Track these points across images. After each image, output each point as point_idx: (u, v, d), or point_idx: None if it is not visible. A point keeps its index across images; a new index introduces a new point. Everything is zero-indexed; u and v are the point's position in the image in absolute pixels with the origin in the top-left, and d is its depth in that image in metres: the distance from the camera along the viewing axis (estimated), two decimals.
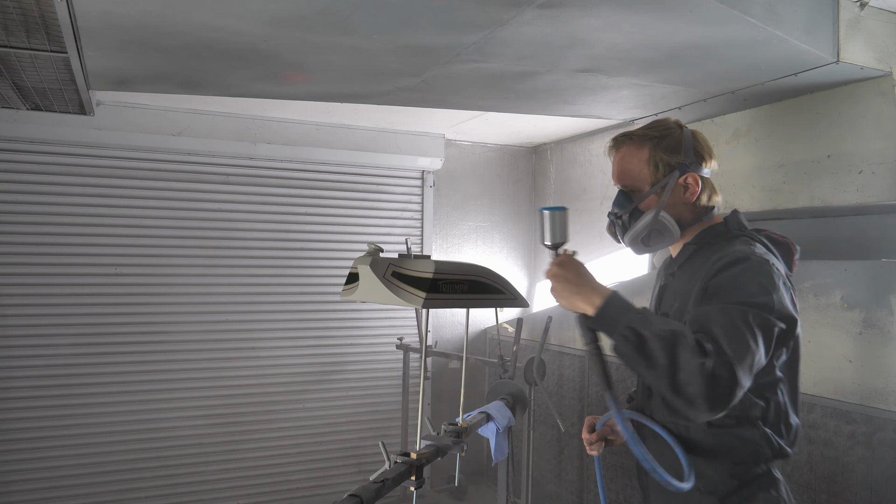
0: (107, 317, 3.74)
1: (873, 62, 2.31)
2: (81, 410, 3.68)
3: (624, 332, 1.28)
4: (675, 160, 1.52)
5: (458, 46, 2.22)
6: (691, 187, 1.53)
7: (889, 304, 2.26)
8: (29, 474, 3.58)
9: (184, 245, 3.91)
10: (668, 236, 1.53)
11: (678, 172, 1.52)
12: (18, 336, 3.57)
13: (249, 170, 4.07)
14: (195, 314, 3.93)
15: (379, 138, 4.33)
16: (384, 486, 1.68)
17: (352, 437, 4.31)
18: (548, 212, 1.47)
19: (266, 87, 2.83)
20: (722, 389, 1.19)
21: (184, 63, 2.45)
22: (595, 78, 2.58)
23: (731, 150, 2.98)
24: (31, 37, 2.07)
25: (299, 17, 1.95)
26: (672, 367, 1.22)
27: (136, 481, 3.78)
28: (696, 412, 1.21)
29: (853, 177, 2.50)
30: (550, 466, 3.93)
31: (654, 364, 1.24)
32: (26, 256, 3.58)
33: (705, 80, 2.59)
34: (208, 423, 3.95)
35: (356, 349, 4.34)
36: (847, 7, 2.22)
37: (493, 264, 4.25)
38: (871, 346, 2.30)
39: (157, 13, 1.92)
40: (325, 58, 2.36)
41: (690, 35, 2.09)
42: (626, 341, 1.28)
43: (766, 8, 1.99)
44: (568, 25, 2.01)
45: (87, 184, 3.70)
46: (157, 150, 3.82)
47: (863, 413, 2.28)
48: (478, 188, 4.85)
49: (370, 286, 1.80)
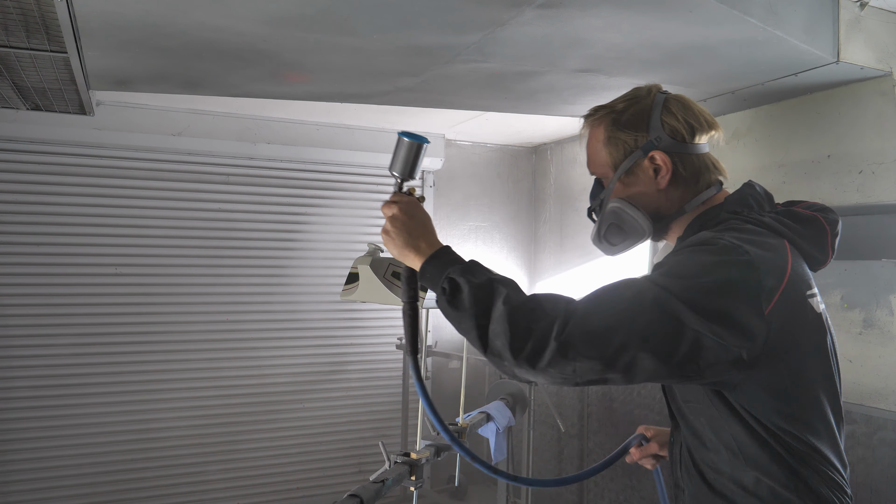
0: (107, 317, 3.74)
1: (873, 62, 2.31)
2: (81, 410, 3.68)
3: (443, 284, 1.12)
4: (636, 137, 1.24)
5: (458, 46, 2.21)
6: (661, 169, 1.22)
7: (889, 304, 2.26)
8: (29, 474, 3.58)
9: (184, 245, 3.90)
10: (631, 231, 1.26)
11: (641, 152, 1.23)
12: (18, 336, 3.57)
13: (249, 170, 4.07)
14: (195, 314, 3.93)
15: (379, 138, 4.33)
16: (384, 486, 1.68)
17: (352, 437, 4.31)
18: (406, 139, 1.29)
19: (266, 87, 2.83)
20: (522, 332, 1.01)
21: (184, 63, 2.45)
22: (595, 78, 2.58)
23: (731, 150, 2.98)
24: (31, 37, 2.06)
25: (299, 17, 1.95)
26: (483, 317, 1.06)
27: (136, 481, 3.78)
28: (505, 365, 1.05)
29: (853, 177, 2.50)
30: (550, 466, 3.93)
31: (463, 316, 1.08)
32: (26, 256, 3.58)
33: (705, 80, 2.59)
34: (208, 423, 3.95)
35: (356, 349, 4.34)
36: (847, 7, 2.22)
37: (493, 264, 4.25)
38: (871, 346, 2.30)
39: (157, 13, 1.92)
40: (325, 58, 2.36)
41: (690, 35, 2.09)
42: (442, 293, 1.12)
43: (766, 8, 1.99)
44: (568, 25, 2.01)
45: (87, 184, 3.70)
46: (157, 150, 3.82)
47: (863, 413, 2.28)
48: (478, 188, 4.85)
49: (370, 286, 1.80)
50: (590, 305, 1.04)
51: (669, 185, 1.23)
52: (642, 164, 1.23)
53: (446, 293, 1.12)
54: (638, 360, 0.99)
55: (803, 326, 1.11)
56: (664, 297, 1.00)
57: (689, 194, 1.25)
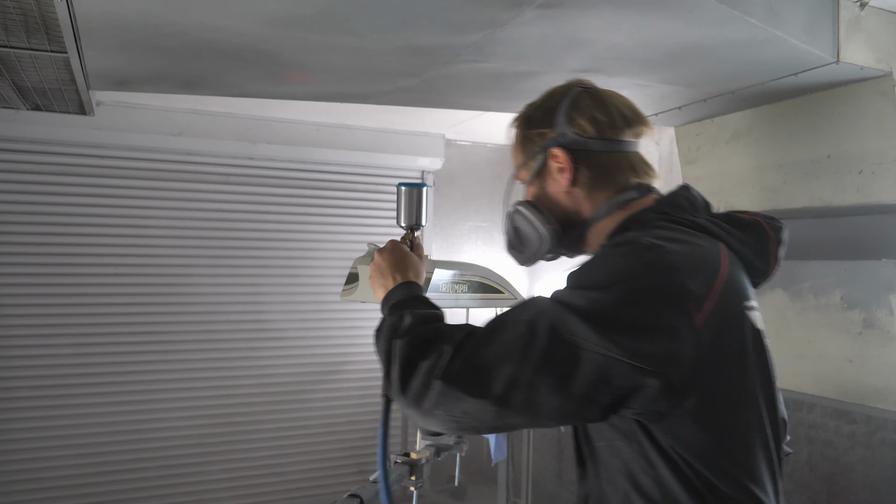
0: (107, 317, 3.74)
1: (873, 62, 2.31)
2: (82, 410, 3.68)
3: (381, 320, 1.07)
4: (543, 135, 1.11)
5: (458, 46, 2.21)
6: (563, 169, 1.08)
7: (889, 304, 2.26)
8: (29, 474, 3.58)
9: (184, 245, 3.90)
10: (526, 240, 1.13)
11: (543, 151, 1.10)
12: (18, 336, 3.57)
13: (249, 170, 4.07)
14: (195, 314, 3.93)
15: (379, 138, 4.33)
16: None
17: (352, 437, 4.31)
18: (404, 188, 1.26)
19: (266, 87, 2.83)
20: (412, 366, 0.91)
21: (184, 63, 2.45)
22: (595, 78, 2.55)
23: (731, 150, 2.98)
24: (31, 37, 2.06)
25: (299, 17, 1.95)
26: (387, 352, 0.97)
27: (136, 481, 3.78)
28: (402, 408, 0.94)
29: (853, 177, 2.50)
30: (550, 466, 3.93)
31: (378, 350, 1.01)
32: (26, 256, 3.58)
33: (705, 80, 2.59)
34: (208, 423, 3.95)
35: (356, 349, 4.34)
36: (847, 7, 2.22)
37: (493, 264, 4.25)
38: (871, 346, 2.30)
39: (156, 13, 1.92)
40: (325, 58, 2.36)
41: (690, 35, 2.09)
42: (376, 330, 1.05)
43: (766, 8, 1.99)
44: (568, 25, 2.01)
45: (87, 184, 3.70)
46: (157, 150, 3.82)
47: (863, 413, 2.28)
48: (478, 188, 4.85)
49: (370, 286, 1.80)
50: (484, 335, 0.89)
51: (575, 187, 1.09)
52: (549, 164, 1.10)
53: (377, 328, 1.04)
54: (536, 396, 0.84)
55: (743, 344, 0.93)
56: (560, 316, 0.85)
57: (602, 198, 1.08)
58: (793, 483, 2.46)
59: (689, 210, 1.03)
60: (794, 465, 2.46)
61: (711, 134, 3.01)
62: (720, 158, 2.98)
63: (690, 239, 0.95)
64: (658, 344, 0.83)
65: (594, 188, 1.09)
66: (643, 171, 1.10)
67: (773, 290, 2.70)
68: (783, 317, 2.64)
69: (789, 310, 2.62)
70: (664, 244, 0.90)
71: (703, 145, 3.06)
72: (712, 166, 3.00)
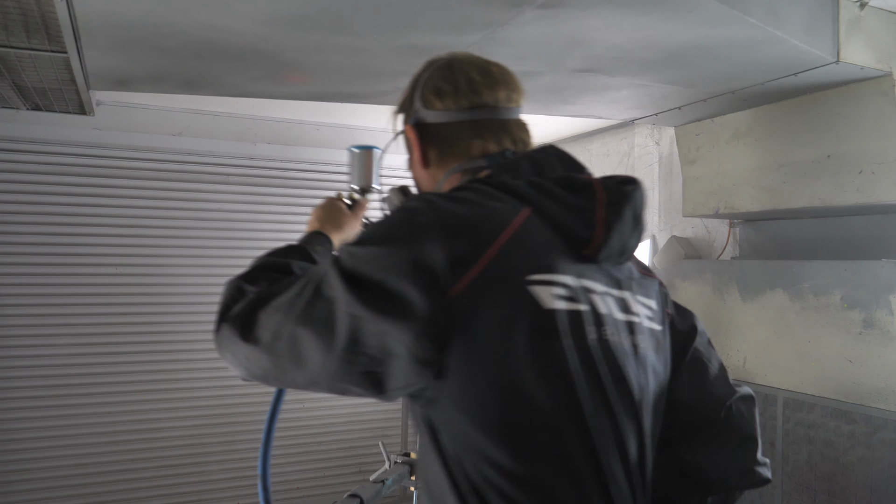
0: (107, 317, 3.74)
1: (873, 62, 2.31)
2: (82, 410, 3.68)
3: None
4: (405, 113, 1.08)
5: (457, 46, 2.21)
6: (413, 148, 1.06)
7: (889, 304, 2.26)
8: (29, 474, 3.58)
9: (184, 245, 3.91)
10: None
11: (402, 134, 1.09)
12: (18, 336, 3.57)
13: (249, 170, 4.07)
14: (195, 314, 3.93)
15: (379, 138, 4.32)
16: (384, 486, 1.69)
17: (352, 437, 4.31)
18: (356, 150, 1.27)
19: (266, 87, 2.83)
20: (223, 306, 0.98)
21: (184, 63, 2.45)
22: (595, 78, 2.58)
23: (731, 150, 2.98)
24: (31, 37, 2.07)
25: (299, 17, 1.95)
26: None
27: (136, 481, 3.78)
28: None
29: (853, 177, 2.50)
30: None
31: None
32: (26, 256, 3.58)
33: (705, 80, 2.59)
34: (208, 423, 3.95)
35: None
36: (847, 7, 2.22)
37: None
38: (871, 346, 2.30)
39: (156, 13, 1.92)
40: (325, 58, 2.36)
41: (690, 35, 2.09)
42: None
43: (766, 8, 1.99)
44: (568, 25, 2.01)
45: (87, 184, 3.70)
46: (157, 150, 3.82)
47: (863, 413, 2.28)
48: None
49: None
50: (279, 287, 0.89)
51: (430, 164, 1.03)
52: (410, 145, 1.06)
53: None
54: (301, 349, 0.80)
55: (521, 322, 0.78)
56: (328, 271, 0.80)
57: (454, 168, 1.00)
58: (793, 483, 2.46)
59: (527, 172, 0.91)
60: (794, 465, 2.46)
61: (711, 134, 3.01)
62: (720, 158, 2.98)
63: (483, 200, 0.83)
64: (400, 308, 0.75)
65: (442, 162, 1.02)
66: (497, 136, 0.99)
67: (773, 290, 2.70)
68: (783, 317, 2.65)
69: (789, 310, 2.62)
70: (436, 201, 0.82)
71: (703, 145, 3.06)
72: (712, 166, 3.00)
